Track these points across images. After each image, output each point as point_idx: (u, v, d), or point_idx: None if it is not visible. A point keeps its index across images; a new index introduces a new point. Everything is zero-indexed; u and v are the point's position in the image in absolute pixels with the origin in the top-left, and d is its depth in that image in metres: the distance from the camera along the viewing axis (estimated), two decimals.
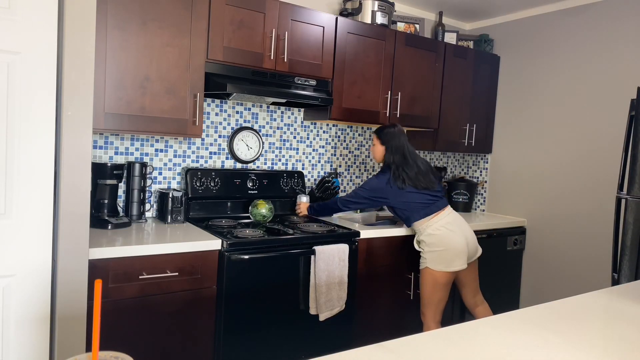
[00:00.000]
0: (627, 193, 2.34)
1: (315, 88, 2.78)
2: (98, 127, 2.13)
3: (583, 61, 3.18)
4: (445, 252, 2.55)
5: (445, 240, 2.55)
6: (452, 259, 2.55)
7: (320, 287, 2.41)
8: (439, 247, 2.55)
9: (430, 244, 2.58)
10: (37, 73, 1.61)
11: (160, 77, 2.27)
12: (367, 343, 1.11)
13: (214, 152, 2.83)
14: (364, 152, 3.48)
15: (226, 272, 2.19)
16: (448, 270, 2.55)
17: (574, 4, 3.23)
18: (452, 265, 2.55)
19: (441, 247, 2.55)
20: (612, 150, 3.01)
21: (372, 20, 3.01)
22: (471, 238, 2.66)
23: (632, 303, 1.51)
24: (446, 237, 2.56)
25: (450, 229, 2.57)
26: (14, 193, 1.61)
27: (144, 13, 2.20)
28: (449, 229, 2.57)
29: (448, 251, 2.55)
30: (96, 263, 1.88)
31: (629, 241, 2.30)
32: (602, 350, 1.13)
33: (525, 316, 1.34)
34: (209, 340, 2.21)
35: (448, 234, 2.56)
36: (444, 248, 2.55)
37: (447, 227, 2.57)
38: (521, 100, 3.55)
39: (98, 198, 2.33)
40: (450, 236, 2.56)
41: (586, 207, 3.14)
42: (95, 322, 0.76)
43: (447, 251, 2.55)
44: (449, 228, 2.57)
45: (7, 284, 1.62)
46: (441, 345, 1.11)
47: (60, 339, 1.72)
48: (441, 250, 2.55)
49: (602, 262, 3.03)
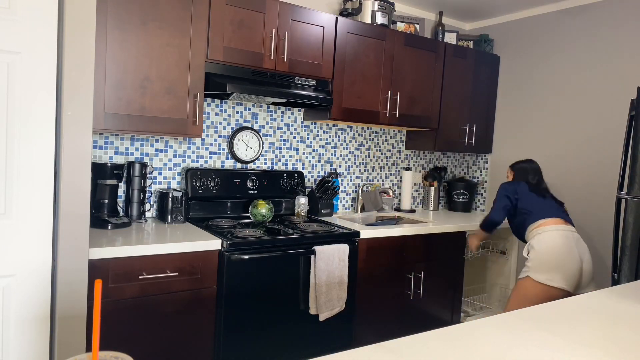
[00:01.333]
0: (627, 193, 2.34)
1: (315, 88, 2.78)
2: (98, 127, 2.13)
3: (583, 61, 3.18)
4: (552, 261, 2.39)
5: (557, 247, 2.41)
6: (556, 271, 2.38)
7: (320, 287, 2.41)
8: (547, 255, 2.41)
9: (539, 249, 2.44)
10: (37, 73, 1.61)
11: (160, 77, 2.27)
12: (367, 343, 1.11)
13: (214, 152, 2.84)
14: (364, 152, 3.49)
15: (226, 272, 2.19)
16: (550, 285, 2.36)
17: (574, 4, 3.23)
18: (554, 280, 2.37)
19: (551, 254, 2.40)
20: (612, 150, 3.01)
21: (372, 20, 3.01)
22: (588, 264, 2.48)
23: (632, 303, 1.51)
24: (559, 245, 2.41)
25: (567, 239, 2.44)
26: (14, 193, 1.61)
27: (144, 13, 2.20)
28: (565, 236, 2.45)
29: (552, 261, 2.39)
30: (96, 263, 1.88)
31: (629, 241, 2.30)
32: (602, 350, 1.13)
33: (525, 316, 1.34)
34: (209, 340, 2.21)
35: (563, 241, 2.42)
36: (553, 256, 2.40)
37: (562, 236, 2.45)
38: (521, 100, 3.55)
39: (98, 198, 2.33)
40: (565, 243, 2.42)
41: (586, 207, 3.14)
42: (95, 322, 0.76)
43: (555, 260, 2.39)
44: (565, 235, 2.45)
45: (7, 284, 1.62)
46: (441, 345, 1.11)
47: (60, 339, 1.72)
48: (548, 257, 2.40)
49: (602, 262, 3.03)
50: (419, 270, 2.94)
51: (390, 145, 3.62)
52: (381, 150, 3.57)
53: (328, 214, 3.07)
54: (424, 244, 2.95)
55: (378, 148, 3.55)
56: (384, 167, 3.60)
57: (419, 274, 2.94)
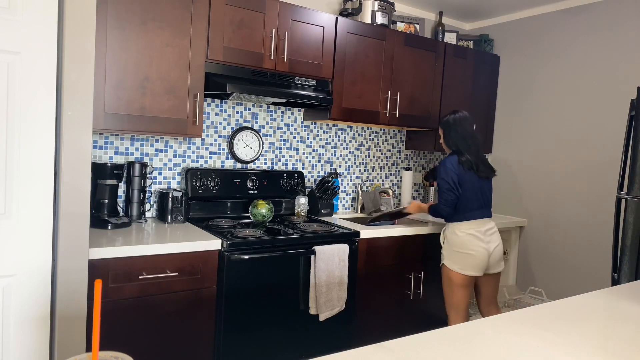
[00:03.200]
0: (627, 193, 2.34)
1: (315, 88, 2.78)
2: (98, 127, 2.13)
3: (583, 61, 3.18)
4: (463, 256, 2.56)
5: (468, 245, 2.56)
6: (469, 263, 2.56)
7: (320, 287, 2.41)
8: (460, 249, 2.57)
9: (452, 243, 2.60)
10: (37, 73, 1.61)
11: (160, 77, 2.27)
12: (367, 343, 1.11)
13: (214, 152, 2.84)
14: (364, 152, 3.49)
15: (226, 272, 2.19)
16: (462, 273, 2.57)
17: (574, 4, 3.23)
18: (466, 269, 2.57)
19: (462, 249, 2.57)
20: (612, 150, 3.01)
21: (372, 20, 3.01)
22: (497, 252, 2.64)
23: (632, 303, 1.51)
24: (469, 242, 2.56)
25: (477, 237, 2.57)
26: (14, 193, 1.61)
27: (144, 13, 2.20)
28: (476, 236, 2.57)
29: (467, 256, 2.56)
30: (96, 263, 1.88)
31: (629, 241, 2.30)
32: (602, 350, 1.13)
33: (525, 316, 1.34)
34: (209, 340, 2.21)
35: (472, 240, 2.56)
36: (463, 251, 2.57)
37: (475, 235, 2.57)
38: (521, 100, 3.55)
39: (98, 198, 2.33)
40: (474, 242, 2.56)
41: (586, 207, 3.14)
42: (95, 322, 0.76)
43: (466, 255, 2.56)
44: (476, 235, 2.57)
45: (7, 284, 1.62)
46: (441, 345, 1.11)
47: (60, 339, 1.72)
48: (460, 253, 2.57)
49: (602, 262, 3.03)
50: (419, 270, 2.94)
51: (390, 145, 3.62)
52: (381, 150, 3.57)
53: (328, 214, 3.07)
54: (424, 244, 2.94)
55: (378, 148, 3.55)
56: (384, 167, 3.60)
57: (419, 274, 2.94)
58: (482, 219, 2.61)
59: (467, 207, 2.58)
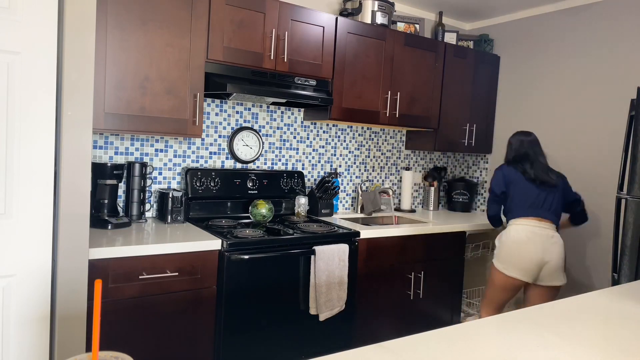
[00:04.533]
0: (627, 193, 2.34)
1: (315, 88, 2.78)
2: (98, 127, 2.13)
3: (583, 61, 3.18)
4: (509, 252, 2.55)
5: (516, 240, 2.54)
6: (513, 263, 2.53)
7: (320, 287, 2.41)
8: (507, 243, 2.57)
9: (502, 239, 2.61)
10: (37, 73, 1.61)
11: (160, 77, 2.27)
12: (367, 343, 1.11)
13: (214, 152, 2.84)
14: (364, 152, 3.49)
15: (226, 272, 2.19)
16: (505, 273, 2.56)
17: (574, 4, 3.23)
18: (508, 269, 2.55)
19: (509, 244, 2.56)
20: (612, 150, 3.01)
21: (372, 20, 3.01)
22: (554, 263, 2.53)
23: (632, 303, 1.51)
24: (519, 239, 2.53)
25: (532, 239, 2.52)
26: (14, 193, 1.61)
27: (144, 13, 2.20)
28: (531, 238, 2.52)
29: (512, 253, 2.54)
30: (96, 263, 1.88)
31: (629, 241, 2.30)
32: (602, 350, 1.13)
33: (526, 316, 1.34)
34: (209, 340, 2.21)
35: (524, 239, 2.52)
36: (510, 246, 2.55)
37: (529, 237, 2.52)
38: (521, 100, 3.55)
39: (98, 198, 2.33)
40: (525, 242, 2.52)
41: (586, 207, 3.14)
42: (95, 322, 0.76)
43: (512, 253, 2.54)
44: (531, 237, 2.52)
45: (7, 284, 1.62)
46: (441, 345, 1.11)
47: (60, 339, 1.72)
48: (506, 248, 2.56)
49: (602, 262, 3.03)
50: (419, 270, 2.94)
51: (390, 145, 3.62)
52: (381, 150, 3.57)
53: (328, 214, 3.07)
54: (424, 244, 2.95)
55: (378, 148, 3.55)
56: (384, 167, 3.60)
57: (419, 274, 2.94)
58: (536, 218, 2.56)
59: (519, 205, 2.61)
